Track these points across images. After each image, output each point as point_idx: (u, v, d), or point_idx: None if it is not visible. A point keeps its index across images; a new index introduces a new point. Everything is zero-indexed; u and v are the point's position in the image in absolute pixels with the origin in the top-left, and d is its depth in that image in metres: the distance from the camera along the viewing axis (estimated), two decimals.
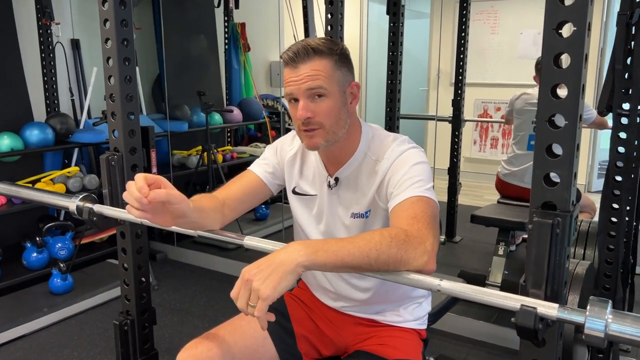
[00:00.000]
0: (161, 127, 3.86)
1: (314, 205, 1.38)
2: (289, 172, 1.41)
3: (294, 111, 1.25)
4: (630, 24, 1.70)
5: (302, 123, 1.24)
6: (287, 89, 1.25)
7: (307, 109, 1.22)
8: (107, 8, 1.44)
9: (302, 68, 1.22)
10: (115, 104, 1.49)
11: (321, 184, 1.37)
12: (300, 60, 1.22)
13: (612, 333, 0.83)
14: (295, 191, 1.41)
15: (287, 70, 1.25)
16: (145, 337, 1.65)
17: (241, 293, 1.04)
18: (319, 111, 1.23)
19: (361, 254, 1.01)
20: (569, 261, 0.97)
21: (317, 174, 1.38)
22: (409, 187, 1.20)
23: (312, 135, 1.25)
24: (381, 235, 1.04)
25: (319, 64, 1.23)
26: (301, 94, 1.22)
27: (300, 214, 1.41)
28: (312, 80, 1.22)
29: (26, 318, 2.64)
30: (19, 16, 3.35)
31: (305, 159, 1.41)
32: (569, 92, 0.88)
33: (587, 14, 0.86)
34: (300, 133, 1.27)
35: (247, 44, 4.69)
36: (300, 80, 1.22)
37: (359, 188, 1.32)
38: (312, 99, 1.23)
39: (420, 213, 1.14)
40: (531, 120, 3.14)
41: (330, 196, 1.35)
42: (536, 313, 0.87)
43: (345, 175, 1.33)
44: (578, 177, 0.91)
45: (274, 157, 1.43)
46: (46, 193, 1.65)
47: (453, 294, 0.97)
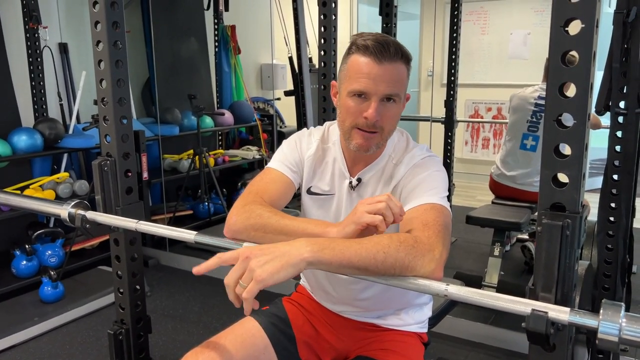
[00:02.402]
0: (152, 131, 3.82)
1: (330, 205, 1.34)
2: (307, 171, 1.36)
3: (357, 107, 1.19)
4: (626, 22, 1.69)
5: (367, 123, 1.19)
6: (358, 84, 1.18)
7: (378, 112, 1.18)
8: (98, 10, 1.41)
9: (387, 68, 1.17)
10: (107, 108, 1.46)
11: (340, 184, 1.33)
12: (387, 59, 1.16)
13: (627, 337, 0.81)
14: (311, 191, 1.36)
15: (366, 62, 1.17)
16: (141, 346, 1.61)
17: (235, 268, 0.96)
18: (387, 116, 1.20)
19: (368, 255, 0.98)
20: (578, 263, 0.95)
21: (336, 173, 1.34)
22: (424, 193, 1.18)
23: (369, 138, 1.21)
24: (390, 239, 1.02)
25: (402, 69, 1.20)
26: (377, 95, 1.17)
27: (315, 215, 1.36)
28: (393, 86, 1.18)
29: (16, 328, 2.58)
30: (6, 20, 3.29)
31: (323, 159, 1.36)
32: (577, 91, 0.86)
33: (596, 11, 0.84)
34: (352, 131, 1.22)
35: (238, 46, 4.66)
36: (383, 80, 1.16)
37: (378, 189, 1.30)
38: (383, 102, 1.19)
39: (432, 221, 1.11)
40: (526, 119, 3.12)
41: (349, 196, 1.32)
42: (547, 318, 0.85)
43: (368, 176, 1.31)
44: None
45: (295, 152, 1.36)
46: (36, 200, 1.61)
47: (460, 298, 0.95)
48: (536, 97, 3.09)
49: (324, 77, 2.28)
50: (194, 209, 4.10)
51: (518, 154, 3.14)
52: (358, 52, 1.19)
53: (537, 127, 3.08)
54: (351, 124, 1.22)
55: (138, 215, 1.47)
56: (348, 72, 1.21)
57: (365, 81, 1.17)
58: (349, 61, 1.22)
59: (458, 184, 4.16)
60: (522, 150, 3.13)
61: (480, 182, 4.35)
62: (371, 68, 1.16)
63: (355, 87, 1.18)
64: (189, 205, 4.11)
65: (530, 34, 5.32)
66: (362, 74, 1.17)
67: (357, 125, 1.21)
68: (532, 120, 3.09)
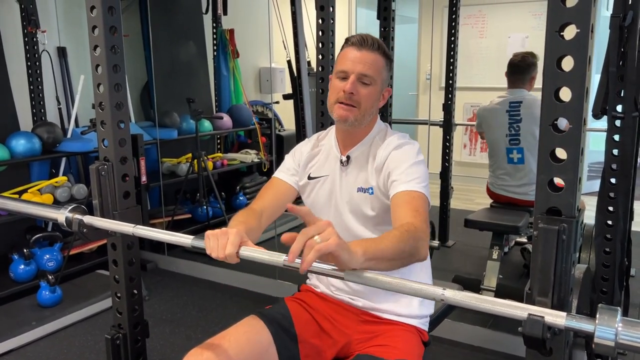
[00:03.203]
0: (150, 135, 3.82)
1: (326, 185, 1.52)
2: (305, 162, 1.56)
3: (340, 85, 1.42)
4: (623, 27, 1.69)
5: (345, 96, 1.40)
6: (341, 66, 1.43)
7: (354, 86, 1.40)
8: (95, 15, 1.41)
9: (365, 54, 1.41)
10: (104, 113, 1.46)
11: (334, 165, 1.52)
12: (365, 47, 1.42)
13: (623, 341, 0.81)
14: (310, 177, 1.55)
15: (349, 49, 1.43)
16: (138, 351, 1.61)
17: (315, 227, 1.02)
18: (362, 93, 1.41)
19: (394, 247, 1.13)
20: (574, 268, 0.95)
21: (330, 156, 1.54)
22: (412, 180, 1.36)
23: (347, 109, 1.42)
24: (400, 232, 1.18)
25: (377, 58, 1.43)
26: (355, 74, 1.40)
27: (315, 196, 1.53)
28: (368, 68, 1.41)
29: (14, 332, 2.57)
30: (4, 24, 3.29)
31: (321, 147, 1.57)
32: (572, 95, 0.87)
33: (591, 16, 0.84)
34: (335, 105, 1.43)
35: (236, 50, 4.67)
36: (359, 62, 1.40)
37: (367, 165, 1.47)
38: (360, 82, 1.41)
39: (420, 208, 1.30)
40: (505, 133, 3.06)
41: (341, 173, 1.50)
42: (544, 322, 0.85)
43: (355, 154, 1.49)
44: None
45: (292, 160, 1.59)
46: (34, 205, 1.61)
47: (457, 303, 0.95)
48: (507, 107, 3.03)
49: (322, 80, 2.29)
50: (192, 213, 4.10)
51: (508, 167, 3.10)
52: (345, 45, 1.46)
53: (517, 139, 3.02)
54: (334, 100, 1.44)
55: (135, 219, 1.47)
56: (337, 62, 1.47)
57: (346, 62, 1.42)
58: (339, 54, 1.48)
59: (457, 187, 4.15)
60: (510, 164, 3.09)
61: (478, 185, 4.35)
62: (352, 53, 1.42)
63: (340, 69, 1.43)
64: (188, 209, 4.11)
65: (528, 38, 5.34)
66: (345, 59, 1.43)
67: (339, 100, 1.42)
68: (511, 133, 3.04)
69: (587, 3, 0.83)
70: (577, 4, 0.84)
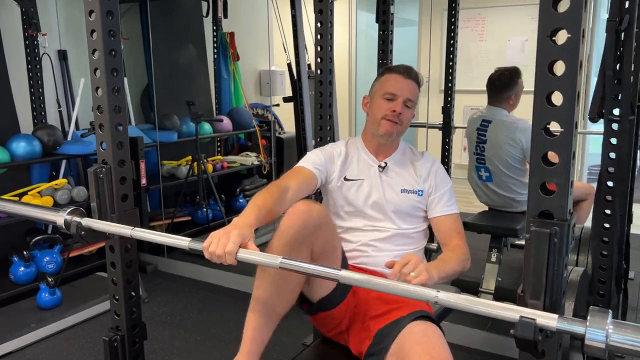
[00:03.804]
0: (150, 138, 3.83)
1: (364, 187, 1.75)
2: (340, 167, 1.77)
3: (387, 105, 1.71)
4: (619, 30, 1.70)
5: (393, 115, 1.69)
6: (390, 89, 1.71)
7: (402, 108, 1.71)
8: (93, 19, 1.42)
9: (409, 83, 1.73)
10: (103, 116, 1.47)
11: (368, 170, 1.77)
12: (411, 78, 1.73)
13: (613, 344, 0.82)
14: (347, 178, 1.77)
15: (397, 76, 1.73)
16: (136, 353, 1.61)
17: (412, 263, 1.30)
18: (405, 114, 1.73)
19: (453, 269, 1.55)
20: (567, 270, 0.95)
21: (362, 163, 1.79)
22: (453, 204, 1.74)
23: (393, 126, 1.71)
24: (456, 255, 1.61)
25: (416, 88, 1.76)
26: (402, 97, 1.70)
27: (352, 194, 1.74)
28: (412, 94, 1.73)
29: (13, 334, 2.58)
30: (5, 27, 3.31)
31: (349, 155, 1.80)
32: (564, 100, 0.87)
33: (582, 21, 0.85)
34: (382, 121, 1.71)
35: (237, 53, 4.68)
36: (406, 89, 1.72)
37: (406, 171, 1.78)
38: (404, 105, 1.71)
39: (461, 229, 1.72)
40: (473, 150, 3.03)
41: (380, 177, 1.76)
42: (535, 324, 0.86)
43: (392, 162, 1.79)
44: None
45: (321, 156, 1.76)
46: (33, 207, 1.62)
47: (450, 305, 0.96)
48: (478, 125, 3.00)
49: (321, 84, 2.30)
50: (192, 215, 4.11)
51: (479, 182, 3.08)
52: (390, 72, 1.77)
53: (483, 159, 2.99)
54: (381, 116, 1.72)
55: (133, 222, 1.48)
56: (381, 84, 1.76)
57: (395, 86, 1.72)
58: (382, 78, 1.78)
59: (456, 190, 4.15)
60: (480, 180, 3.07)
61: None
62: (400, 79, 1.73)
63: (388, 90, 1.72)
64: (187, 212, 4.12)
65: (527, 41, 5.34)
66: (393, 83, 1.73)
67: (386, 117, 1.71)
68: (477, 152, 3.02)
69: (578, 9, 0.84)
70: (568, 10, 0.85)
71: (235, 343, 1.54)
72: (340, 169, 1.76)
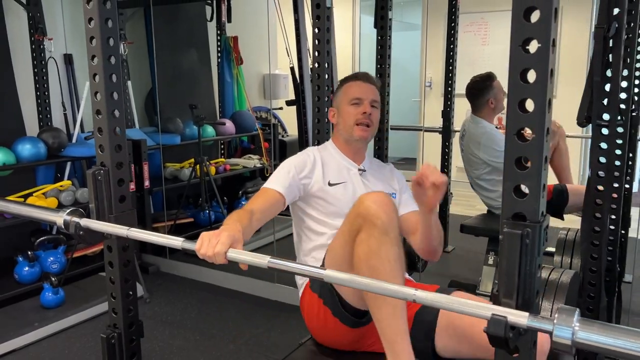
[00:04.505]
0: (154, 140, 3.89)
1: (347, 188, 1.81)
2: (318, 173, 1.80)
3: (355, 110, 1.81)
4: (607, 37, 1.74)
5: (364, 117, 1.79)
6: (354, 94, 1.82)
7: (371, 109, 1.81)
8: (93, 26, 1.47)
9: (370, 86, 1.86)
10: (101, 119, 1.51)
11: (347, 174, 1.84)
12: (370, 82, 1.87)
13: (579, 340, 0.85)
14: (331, 183, 1.81)
15: (358, 82, 1.86)
16: (133, 350, 1.66)
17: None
18: (374, 115, 1.83)
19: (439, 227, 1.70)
20: (540, 271, 0.99)
21: (342, 167, 1.86)
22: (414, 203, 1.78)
23: (366, 129, 1.82)
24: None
25: (377, 90, 1.88)
26: (368, 99, 1.82)
27: (339, 196, 1.79)
28: (376, 95, 1.86)
29: (17, 333, 2.64)
30: (12, 32, 3.38)
31: (325, 160, 1.85)
32: (535, 106, 0.91)
33: (552, 31, 0.88)
34: (354, 127, 1.81)
35: (240, 57, 4.73)
36: (369, 92, 1.84)
37: (381, 175, 1.91)
38: (371, 106, 1.82)
39: None
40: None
41: (362, 180, 1.85)
42: (506, 322, 0.89)
43: (367, 166, 1.90)
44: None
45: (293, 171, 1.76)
46: (34, 208, 1.67)
47: (427, 303, 0.99)
48: (461, 134, 3.08)
49: (318, 88, 2.34)
50: (195, 217, 4.15)
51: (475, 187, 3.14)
52: (349, 80, 1.90)
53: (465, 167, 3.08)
54: (353, 122, 1.81)
55: (130, 222, 1.53)
56: (345, 93, 1.87)
57: (359, 91, 1.84)
58: (343, 88, 1.89)
59: (459, 193, 4.19)
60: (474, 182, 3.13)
61: None
62: (361, 84, 1.86)
63: (354, 96, 1.82)
64: (190, 213, 4.17)
65: None
66: (356, 89, 1.85)
67: (357, 122, 1.80)
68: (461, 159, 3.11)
69: (548, 20, 0.88)
70: (538, 20, 0.89)
71: (234, 342, 1.58)
72: (322, 174, 1.80)
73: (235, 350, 2.56)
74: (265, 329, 2.74)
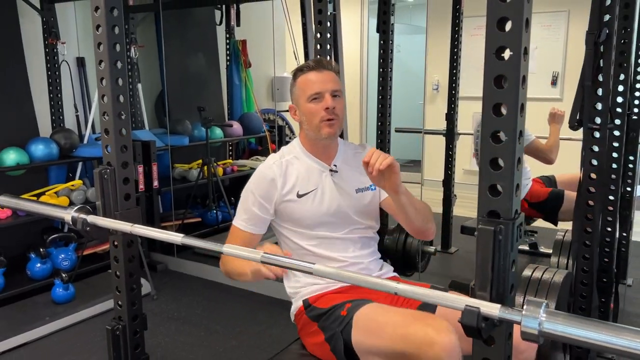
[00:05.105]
0: (163, 142, 3.97)
1: (316, 196, 1.69)
2: (281, 186, 1.68)
3: (318, 106, 1.64)
4: (598, 43, 1.78)
5: (328, 112, 1.63)
6: (312, 90, 1.64)
7: (333, 101, 1.64)
8: (100, 33, 1.55)
9: (326, 73, 1.66)
10: (108, 121, 1.59)
11: (319, 177, 1.71)
12: (325, 68, 1.67)
13: (546, 330, 0.90)
14: (299, 194, 1.69)
15: (312, 74, 1.66)
16: (137, 342, 1.73)
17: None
18: (337, 106, 1.66)
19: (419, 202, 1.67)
20: (515, 266, 1.04)
21: (311, 171, 1.72)
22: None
23: (332, 124, 1.65)
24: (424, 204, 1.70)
25: (334, 75, 1.69)
26: (327, 91, 1.64)
27: (309, 207, 1.68)
28: (334, 83, 1.66)
29: (28, 326, 2.73)
30: (26, 36, 3.49)
31: (289, 170, 1.71)
32: (508, 111, 0.97)
33: (522, 40, 0.94)
34: (320, 124, 1.65)
35: (248, 60, 4.81)
36: (327, 81, 1.65)
37: (355, 169, 1.71)
38: (332, 97, 1.64)
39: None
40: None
41: (332, 181, 1.72)
42: (479, 312, 0.95)
43: (339, 162, 1.75)
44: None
45: (253, 201, 1.71)
46: (45, 205, 1.75)
47: (408, 295, 1.05)
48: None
49: None
50: (202, 217, 4.24)
51: None
52: (302, 72, 1.69)
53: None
54: (318, 120, 1.65)
55: (135, 219, 1.60)
56: (300, 89, 1.68)
57: (315, 85, 1.65)
58: (297, 83, 1.69)
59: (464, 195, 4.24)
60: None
61: None
62: (317, 76, 1.66)
63: (310, 92, 1.65)
64: (198, 213, 4.25)
65: (537, 48, 5.39)
66: (313, 83, 1.65)
67: (322, 119, 1.64)
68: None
69: (519, 29, 0.94)
70: (510, 30, 0.95)
71: (237, 338, 1.65)
72: (288, 189, 1.68)
73: (238, 345, 2.63)
74: (268, 326, 2.81)
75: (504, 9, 0.96)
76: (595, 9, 1.80)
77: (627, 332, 0.87)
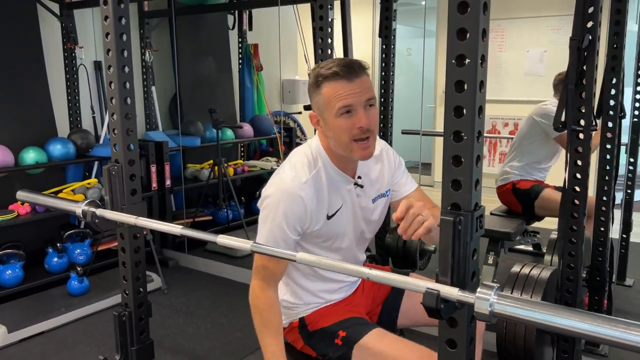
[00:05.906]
0: (176, 143, 4.12)
1: (342, 215, 1.54)
2: (317, 206, 1.48)
3: (348, 122, 1.38)
4: (581, 48, 1.86)
5: (361, 131, 1.39)
6: (341, 102, 1.37)
7: (367, 117, 1.39)
8: (109, 40, 1.68)
9: (357, 82, 1.38)
10: (116, 122, 1.72)
11: (344, 192, 1.54)
12: (357, 75, 1.39)
13: (497, 311, 1.00)
14: (329, 215, 1.51)
15: (341, 83, 1.38)
16: (142, 327, 1.85)
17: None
18: (372, 118, 1.41)
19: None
20: (477, 255, 1.14)
21: (339, 186, 1.52)
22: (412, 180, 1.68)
23: (367, 147, 1.42)
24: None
25: (368, 79, 1.42)
26: (361, 104, 1.39)
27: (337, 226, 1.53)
28: (368, 91, 1.40)
29: (45, 316, 2.89)
30: (46, 41, 3.66)
31: (319, 185, 1.49)
32: (467, 113, 1.07)
33: (479, 49, 1.04)
34: (352, 144, 1.41)
35: (260, 63, 4.95)
36: (360, 92, 1.38)
37: (376, 176, 1.60)
38: (367, 108, 1.40)
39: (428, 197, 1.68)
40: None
41: (357, 195, 1.57)
42: (438, 294, 1.05)
43: (363, 171, 1.57)
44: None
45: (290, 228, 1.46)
46: (58, 199, 1.89)
47: (378, 280, 1.16)
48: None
49: None
50: (213, 215, 4.37)
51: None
52: (327, 81, 1.40)
53: None
54: (349, 139, 1.40)
55: (140, 213, 1.72)
56: (328, 100, 1.40)
57: (347, 96, 1.38)
58: (324, 92, 1.41)
59: None
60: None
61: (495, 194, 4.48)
62: (347, 86, 1.38)
63: (341, 105, 1.38)
64: (209, 212, 4.39)
65: (546, 52, 5.43)
66: (342, 93, 1.38)
67: (354, 138, 1.40)
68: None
69: (476, 39, 1.04)
70: (467, 40, 1.04)
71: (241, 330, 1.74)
72: (319, 212, 1.50)
73: (242, 337, 2.75)
74: None
75: (463, 20, 1.06)
76: (579, 16, 1.88)
77: (568, 311, 0.96)
